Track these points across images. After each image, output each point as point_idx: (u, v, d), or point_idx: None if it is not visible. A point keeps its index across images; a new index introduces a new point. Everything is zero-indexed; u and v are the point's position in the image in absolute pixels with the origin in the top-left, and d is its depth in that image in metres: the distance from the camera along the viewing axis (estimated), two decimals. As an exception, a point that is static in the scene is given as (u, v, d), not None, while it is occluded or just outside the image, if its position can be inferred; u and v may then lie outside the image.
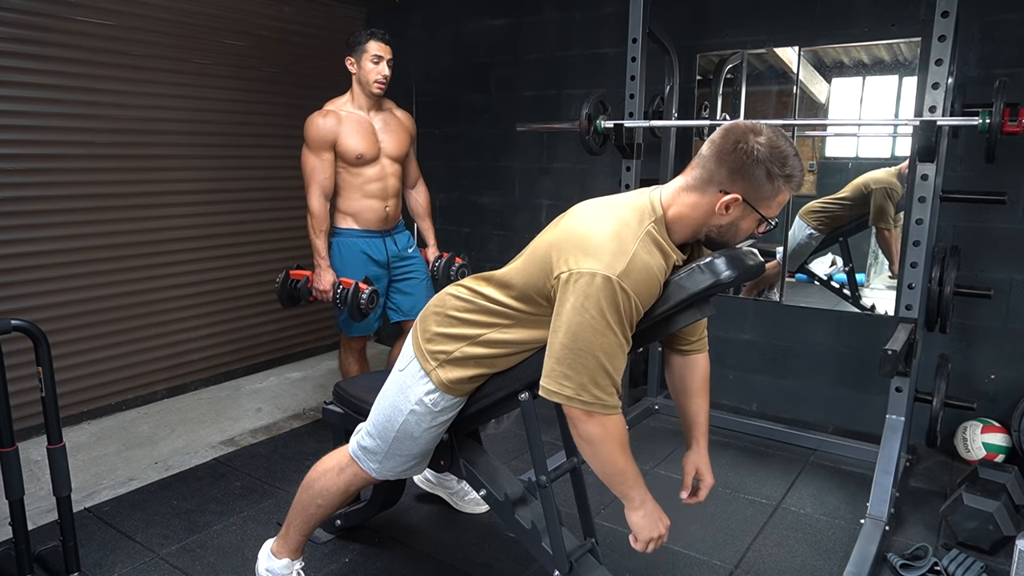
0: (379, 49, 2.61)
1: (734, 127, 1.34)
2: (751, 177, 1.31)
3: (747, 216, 1.36)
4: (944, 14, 2.11)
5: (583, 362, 1.32)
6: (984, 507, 2.10)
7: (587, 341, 1.30)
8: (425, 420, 1.60)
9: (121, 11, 2.99)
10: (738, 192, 1.33)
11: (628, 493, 1.46)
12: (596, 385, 1.33)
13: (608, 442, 1.38)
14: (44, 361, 1.76)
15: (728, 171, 1.32)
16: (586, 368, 1.32)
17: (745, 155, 1.30)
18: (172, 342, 3.37)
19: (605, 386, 1.34)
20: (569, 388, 1.34)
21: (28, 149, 2.79)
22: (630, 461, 1.44)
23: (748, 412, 3.27)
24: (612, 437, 1.38)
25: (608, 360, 1.32)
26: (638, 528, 1.48)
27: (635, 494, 1.46)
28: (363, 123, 2.68)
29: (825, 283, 3.16)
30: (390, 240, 2.81)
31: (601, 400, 1.34)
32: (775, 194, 1.34)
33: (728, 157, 1.31)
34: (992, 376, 2.81)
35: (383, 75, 2.63)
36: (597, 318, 1.28)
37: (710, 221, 1.38)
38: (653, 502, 1.49)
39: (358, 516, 2.19)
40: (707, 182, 1.35)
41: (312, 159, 2.64)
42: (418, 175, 2.98)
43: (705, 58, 3.23)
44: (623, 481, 1.44)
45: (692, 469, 1.67)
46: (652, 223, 1.36)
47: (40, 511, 2.31)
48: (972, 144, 2.67)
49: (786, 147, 1.32)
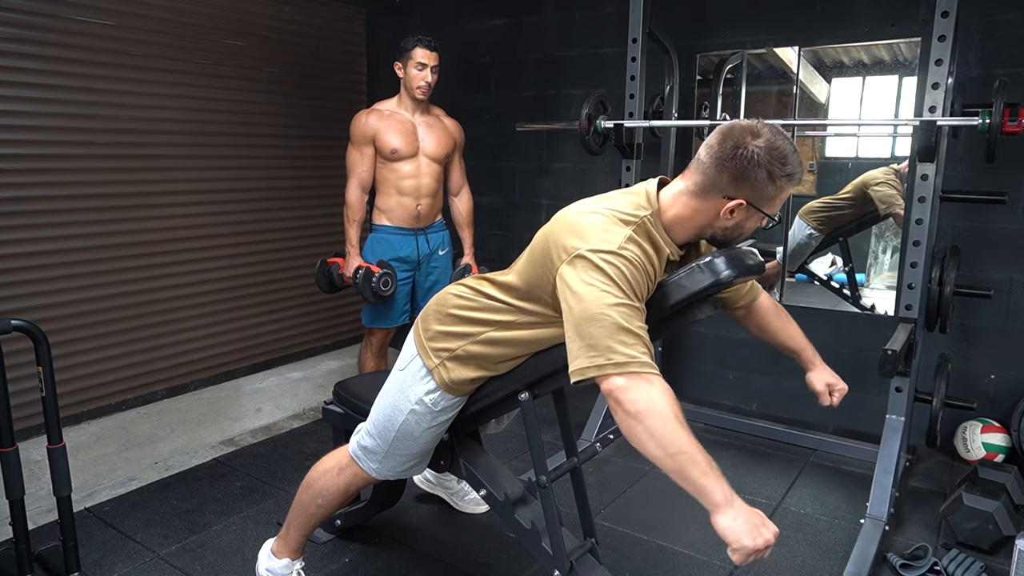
0: (424, 56, 2.70)
1: (730, 130, 1.34)
2: (754, 181, 1.32)
3: (751, 216, 1.38)
4: (944, 14, 2.11)
5: (602, 327, 1.22)
6: (984, 507, 2.10)
7: (599, 310, 1.23)
8: (425, 420, 1.60)
9: (121, 11, 2.99)
10: (743, 197, 1.34)
11: (704, 485, 1.17)
12: (623, 344, 1.21)
13: (659, 411, 1.18)
14: (44, 361, 1.76)
15: (730, 177, 1.32)
16: (606, 332, 1.22)
17: (747, 161, 1.30)
18: (172, 342, 3.37)
19: (633, 344, 1.22)
20: (598, 358, 1.22)
21: (28, 149, 2.79)
22: (694, 441, 1.19)
23: (748, 412, 3.27)
24: (661, 401, 1.20)
25: (625, 320, 1.23)
26: (733, 535, 1.16)
27: (714, 486, 1.17)
28: (405, 123, 2.78)
29: (825, 283, 3.16)
30: (423, 238, 2.87)
31: (634, 358, 1.21)
32: (778, 193, 1.35)
33: (729, 164, 1.32)
34: (992, 376, 2.81)
35: (426, 81, 2.73)
36: (604, 288, 1.25)
37: (715, 224, 1.39)
38: (742, 501, 1.20)
39: (358, 516, 2.19)
40: (709, 188, 1.35)
41: (354, 153, 2.78)
42: (463, 183, 3.04)
43: (705, 58, 3.23)
44: (694, 464, 1.17)
45: (822, 385, 1.70)
46: (647, 215, 1.37)
47: (40, 511, 2.31)
48: (972, 144, 2.67)
49: (784, 145, 1.32)
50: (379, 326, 2.88)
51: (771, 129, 1.33)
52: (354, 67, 4.13)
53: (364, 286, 2.71)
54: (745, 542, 1.15)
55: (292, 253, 3.86)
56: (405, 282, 2.87)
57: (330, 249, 3.84)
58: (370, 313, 2.85)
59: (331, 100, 3.94)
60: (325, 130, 3.87)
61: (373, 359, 2.94)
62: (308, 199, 3.89)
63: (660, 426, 1.18)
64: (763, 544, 1.15)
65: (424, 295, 2.89)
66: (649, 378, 1.21)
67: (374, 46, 4.17)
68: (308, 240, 3.91)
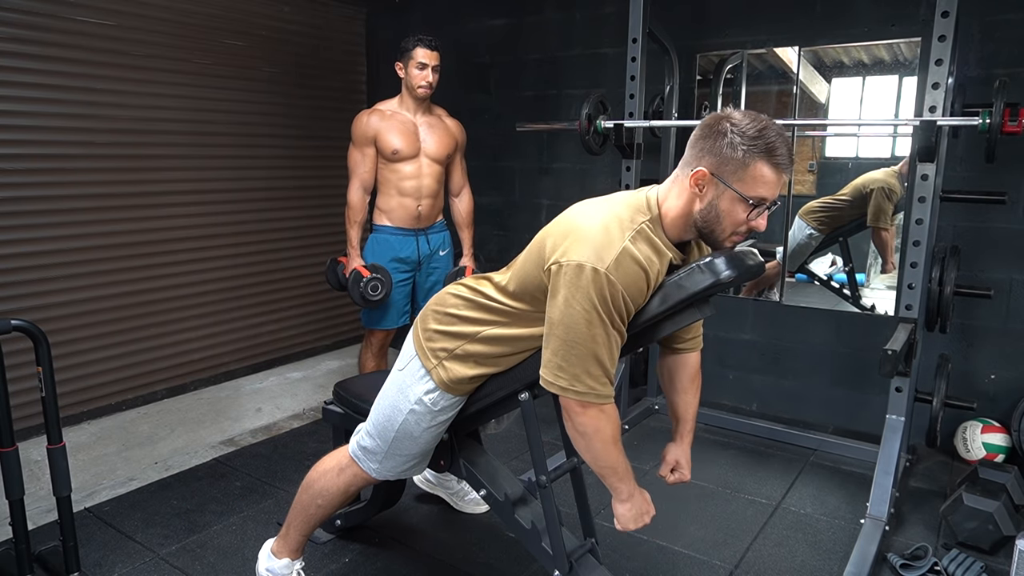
0: (425, 56, 2.69)
1: (712, 115, 1.36)
2: (717, 151, 1.31)
3: (723, 195, 1.32)
4: (944, 14, 2.11)
5: (576, 353, 1.33)
6: (984, 507, 2.10)
7: (579, 333, 1.32)
8: (425, 420, 1.60)
9: (121, 11, 2.99)
10: (707, 167, 1.32)
11: (617, 486, 1.49)
12: (589, 375, 1.35)
13: (601, 435, 1.41)
14: (44, 361, 1.76)
15: (698, 150, 1.34)
16: (579, 359, 1.34)
17: (714, 132, 1.31)
18: (172, 342, 3.37)
19: (598, 376, 1.35)
20: (564, 379, 1.36)
21: (28, 149, 2.79)
22: (622, 455, 1.47)
23: (748, 412, 3.27)
24: (605, 430, 1.41)
25: (601, 350, 1.33)
26: (624, 519, 1.53)
27: (624, 487, 1.50)
28: (407, 123, 2.78)
29: (825, 283, 3.16)
30: (423, 239, 2.87)
31: (594, 390, 1.36)
32: (745, 166, 1.29)
33: (700, 140, 1.34)
34: (992, 376, 2.81)
35: (427, 81, 2.72)
36: (588, 310, 1.30)
37: (692, 208, 1.37)
38: (641, 495, 1.53)
39: (358, 516, 2.19)
40: (683, 167, 1.38)
41: (355, 154, 2.78)
42: (463, 183, 3.04)
43: (705, 58, 3.23)
44: (614, 474, 1.47)
45: (672, 460, 1.71)
46: (646, 221, 1.37)
47: (40, 511, 2.31)
48: (972, 144, 2.67)
49: (760, 123, 1.29)
50: (379, 327, 2.88)
51: (753, 113, 1.32)
52: (354, 67, 4.13)
53: (353, 289, 2.72)
54: (629, 525, 1.53)
55: (292, 253, 3.86)
56: (405, 283, 2.87)
57: (329, 249, 3.86)
58: (370, 314, 2.85)
59: (331, 100, 3.94)
60: (324, 130, 3.87)
61: (373, 359, 2.94)
62: (308, 199, 3.89)
63: (599, 447, 1.43)
64: (641, 525, 1.54)
65: (424, 295, 2.89)
66: (602, 408, 1.39)
67: (374, 46, 4.17)
68: (308, 240, 3.91)
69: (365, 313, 2.87)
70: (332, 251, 3.00)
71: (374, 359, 2.94)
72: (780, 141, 1.29)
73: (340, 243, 2.86)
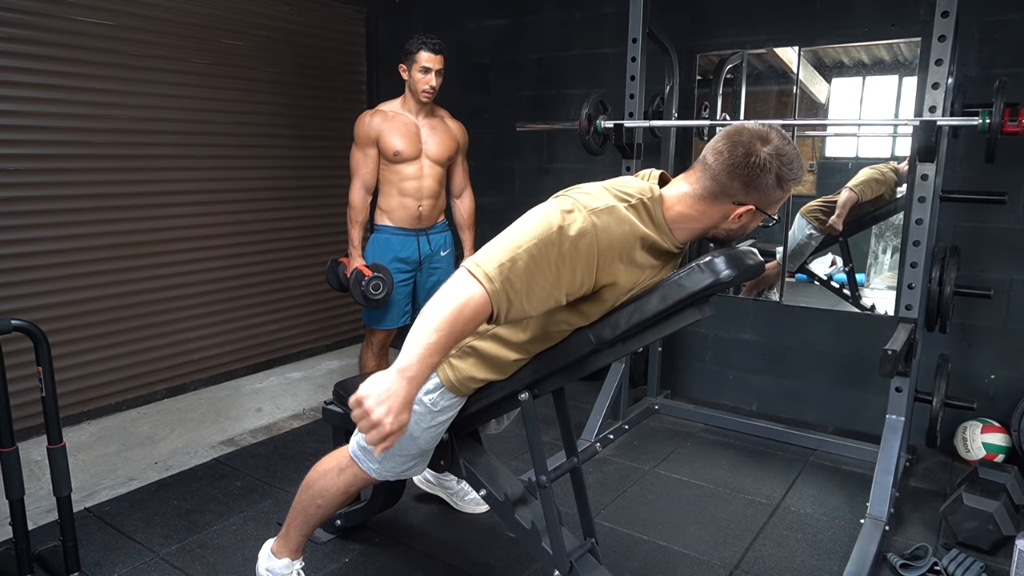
0: (428, 60, 2.69)
1: (738, 135, 1.35)
2: (763, 187, 1.36)
3: (755, 219, 1.43)
4: (944, 14, 2.11)
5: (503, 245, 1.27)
6: (984, 507, 2.10)
7: (520, 231, 1.30)
8: (424, 420, 1.60)
9: (121, 11, 2.99)
10: (752, 203, 1.38)
11: (411, 351, 1.20)
12: (496, 263, 1.23)
13: (465, 306, 1.21)
14: (44, 361, 1.76)
15: (741, 184, 1.35)
16: (501, 249, 1.26)
17: (758, 168, 1.33)
18: (172, 342, 3.37)
19: (504, 267, 1.23)
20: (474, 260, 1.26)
21: (28, 149, 2.79)
22: (451, 339, 1.22)
23: (748, 412, 3.27)
24: (470, 305, 1.22)
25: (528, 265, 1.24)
26: (366, 388, 1.22)
27: (411, 360, 1.20)
28: (409, 125, 2.78)
29: (825, 283, 3.16)
30: (424, 239, 2.87)
31: (487, 274, 1.22)
32: (783, 196, 1.40)
33: (741, 171, 1.34)
34: (992, 376, 2.81)
35: (431, 85, 2.72)
36: (550, 228, 1.29)
37: (720, 226, 1.43)
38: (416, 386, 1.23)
39: (358, 516, 2.19)
40: (719, 194, 1.38)
41: (357, 154, 2.79)
42: (465, 185, 3.05)
43: (705, 58, 3.23)
44: (431, 340, 1.20)
45: None
46: (648, 198, 1.41)
47: (40, 511, 2.31)
48: (972, 144, 2.67)
49: (790, 150, 1.36)
50: (380, 327, 2.89)
51: (778, 134, 1.36)
52: (354, 67, 4.13)
53: (355, 289, 2.73)
54: (370, 402, 1.19)
55: (292, 253, 3.86)
56: (406, 283, 2.88)
57: (329, 249, 3.86)
58: (371, 313, 2.86)
59: (331, 100, 3.94)
60: (325, 130, 3.88)
61: (374, 359, 2.95)
62: (308, 199, 3.89)
63: (444, 304, 1.22)
64: (376, 418, 1.19)
65: (425, 295, 2.89)
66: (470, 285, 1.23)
67: (374, 46, 4.17)
68: (308, 240, 3.92)
69: (366, 313, 2.87)
70: (332, 251, 3.00)
71: (375, 359, 2.94)
72: (801, 167, 1.39)
73: (340, 243, 2.87)
